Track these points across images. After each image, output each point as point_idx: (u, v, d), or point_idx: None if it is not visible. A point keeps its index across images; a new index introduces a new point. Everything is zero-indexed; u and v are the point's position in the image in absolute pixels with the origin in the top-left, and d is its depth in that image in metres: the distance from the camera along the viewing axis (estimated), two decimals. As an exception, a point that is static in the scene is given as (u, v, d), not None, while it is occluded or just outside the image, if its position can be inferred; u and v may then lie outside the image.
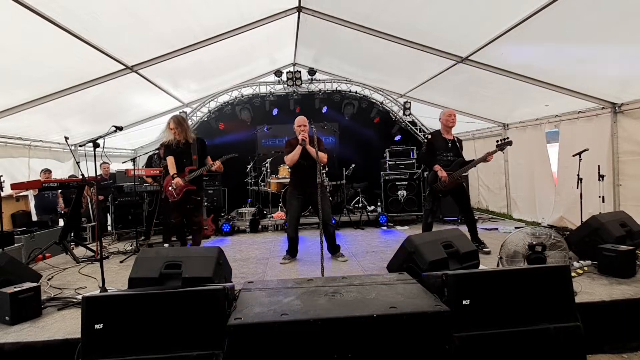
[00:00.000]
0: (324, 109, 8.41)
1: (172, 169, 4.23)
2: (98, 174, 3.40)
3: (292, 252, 4.42)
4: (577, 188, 4.87)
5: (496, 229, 5.90)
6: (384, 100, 8.37)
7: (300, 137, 4.14)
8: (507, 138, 4.39)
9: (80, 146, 6.65)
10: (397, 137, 8.53)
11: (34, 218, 5.96)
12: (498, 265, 3.20)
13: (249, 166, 7.70)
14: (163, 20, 4.47)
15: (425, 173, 6.44)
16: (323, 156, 4.10)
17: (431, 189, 4.48)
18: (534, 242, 3.05)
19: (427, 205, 4.60)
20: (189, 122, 7.86)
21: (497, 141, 4.39)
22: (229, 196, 7.76)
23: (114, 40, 4.47)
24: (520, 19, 3.97)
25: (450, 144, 4.46)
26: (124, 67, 5.09)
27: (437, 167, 4.36)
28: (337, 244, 4.45)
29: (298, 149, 4.15)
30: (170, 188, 4.24)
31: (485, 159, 4.25)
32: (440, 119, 4.57)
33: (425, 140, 4.70)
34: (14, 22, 3.55)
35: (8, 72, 4.29)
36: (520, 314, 2.19)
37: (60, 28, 3.80)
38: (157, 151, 6.41)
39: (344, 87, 8.38)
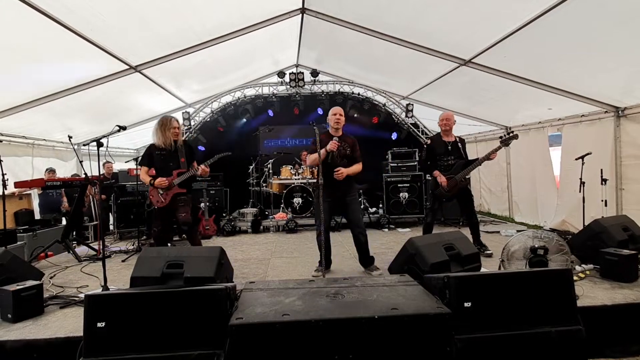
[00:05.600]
0: (319, 111, 8.42)
1: (147, 178, 3.87)
2: (101, 173, 3.41)
3: (325, 262, 3.76)
4: (580, 192, 4.85)
5: (498, 231, 5.89)
6: (387, 102, 8.38)
7: (329, 147, 3.59)
8: (512, 132, 4.19)
9: (84, 145, 6.70)
10: (394, 136, 8.55)
11: (37, 216, 5.98)
12: (500, 268, 3.19)
13: (251, 167, 7.71)
14: (167, 20, 4.50)
15: (428, 176, 6.43)
16: (357, 169, 3.76)
17: (433, 195, 4.46)
18: (536, 246, 3.05)
19: (429, 204, 4.59)
20: (192, 123, 7.90)
21: (501, 136, 4.23)
22: (231, 197, 7.77)
23: (119, 40, 4.50)
24: (523, 23, 3.97)
25: (450, 147, 4.42)
26: (127, 67, 5.12)
27: (436, 173, 4.36)
28: (371, 255, 3.92)
29: (323, 154, 3.57)
30: (159, 192, 3.85)
31: (489, 157, 4.16)
32: (438, 122, 4.57)
33: (425, 146, 4.66)
34: (19, 20, 3.57)
35: (13, 71, 4.32)
36: (521, 317, 2.18)
37: (65, 27, 3.83)
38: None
39: (346, 88, 8.40)
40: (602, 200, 4.83)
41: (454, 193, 4.34)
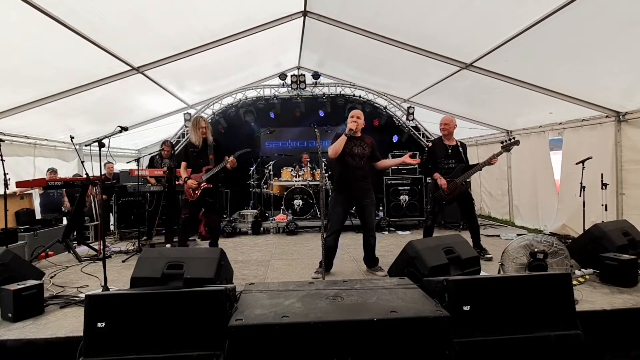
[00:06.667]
0: (320, 113, 8.45)
1: (184, 173, 4.45)
2: (102, 173, 3.43)
3: (327, 264, 3.81)
4: (580, 196, 4.86)
5: (498, 235, 5.89)
6: (388, 105, 8.39)
7: (347, 129, 3.65)
8: (514, 137, 4.22)
9: (86, 146, 6.73)
10: (395, 138, 8.57)
11: (38, 216, 6.00)
12: (499, 272, 3.20)
13: (252, 168, 7.72)
14: (169, 22, 4.52)
15: (428, 179, 6.45)
16: (387, 163, 3.88)
17: (433, 197, 4.47)
18: (536, 250, 3.05)
19: (429, 207, 4.60)
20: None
21: (503, 142, 4.25)
22: (232, 198, 7.78)
23: (121, 41, 4.52)
24: (525, 27, 3.98)
25: (450, 151, 4.45)
26: (130, 68, 5.14)
27: (436, 176, 4.38)
28: (376, 256, 4.02)
29: (342, 139, 3.64)
30: (190, 190, 4.43)
31: (490, 161, 4.18)
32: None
33: (426, 149, 4.69)
34: (22, 21, 3.60)
35: (15, 71, 4.34)
36: (520, 321, 2.19)
37: (68, 28, 3.85)
38: (159, 152, 6.45)
39: (347, 91, 8.41)
40: (603, 205, 4.83)
41: (454, 197, 4.35)
